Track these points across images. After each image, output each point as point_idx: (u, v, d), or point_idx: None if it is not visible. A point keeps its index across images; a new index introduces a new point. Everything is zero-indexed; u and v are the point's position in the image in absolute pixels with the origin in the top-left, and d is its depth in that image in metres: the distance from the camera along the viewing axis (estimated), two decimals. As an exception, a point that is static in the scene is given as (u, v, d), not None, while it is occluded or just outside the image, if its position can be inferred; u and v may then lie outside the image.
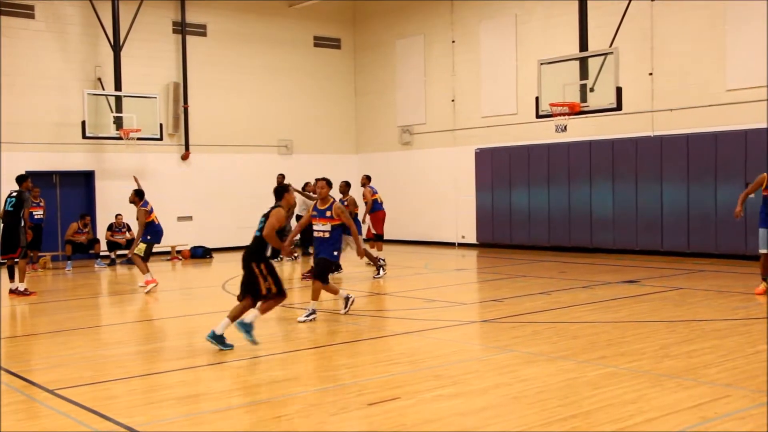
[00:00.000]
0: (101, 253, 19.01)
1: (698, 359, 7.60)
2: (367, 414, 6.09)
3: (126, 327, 10.89)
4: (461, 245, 22.22)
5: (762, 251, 11.71)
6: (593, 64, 16.06)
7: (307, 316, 10.32)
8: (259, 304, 8.61)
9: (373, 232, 16.90)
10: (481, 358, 8.11)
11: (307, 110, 24.38)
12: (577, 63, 16.37)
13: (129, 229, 19.38)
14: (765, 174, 11.73)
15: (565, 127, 16.43)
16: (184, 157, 21.90)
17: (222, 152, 22.21)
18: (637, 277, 14.18)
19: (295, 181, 19.70)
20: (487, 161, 21.40)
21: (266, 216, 8.72)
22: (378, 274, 15.09)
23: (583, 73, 16.21)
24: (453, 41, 22.41)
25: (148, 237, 14.26)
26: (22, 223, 13.30)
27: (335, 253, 10.67)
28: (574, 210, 19.32)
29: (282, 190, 9.01)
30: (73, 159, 20.08)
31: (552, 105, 16.19)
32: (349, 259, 15.88)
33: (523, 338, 8.97)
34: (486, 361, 7.95)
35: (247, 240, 9.22)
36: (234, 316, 8.53)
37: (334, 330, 9.91)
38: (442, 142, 22.76)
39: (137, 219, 14.50)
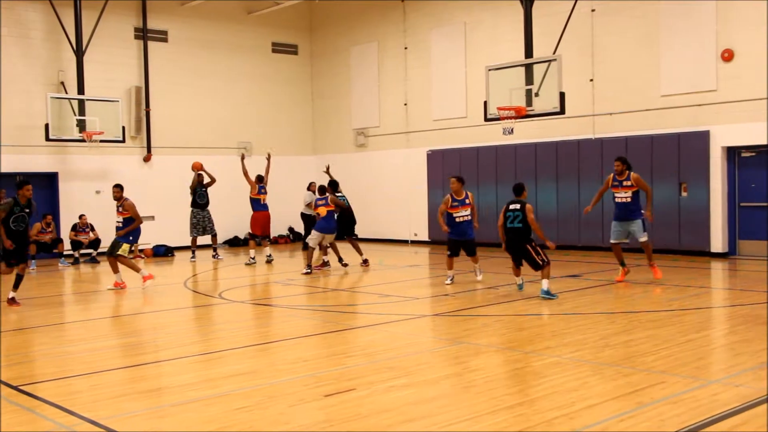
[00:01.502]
0: (65, 253, 19.31)
1: (636, 348, 7.92)
2: (324, 405, 6.17)
3: (89, 324, 10.83)
4: (414, 242, 22.79)
5: (612, 241, 13.14)
6: (538, 71, 16.38)
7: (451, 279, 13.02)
8: None
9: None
10: (432, 350, 8.31)
11: (265, 114, 24.87)
12: (522, 69, 16.68)
13: (92, 229, 19.74)
14: (611, 175, 12.81)
15: (512, 129, 16.85)
16: (146, 159, 22.25)
17: (183, 154, 22.55)
18: (579, 272, 14.66)
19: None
20: (439, 162, 22.01)
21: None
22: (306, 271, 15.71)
23: (529, 79, 16.52)
24: (405, 48, 23.05)
25: (131, 237, 14.15)
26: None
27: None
28: (521, 208, 20.00)
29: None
30: (36, 161, 20.30)
31: (499, 109, 16.46)
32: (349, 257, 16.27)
33: (473, 331, 9.22)
34: (437, 352, 8.17)
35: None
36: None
37: (293, 325, 10.16)
38: (396, 144, 23.35)
39: (126, 211, 14.16)
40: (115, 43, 21.74)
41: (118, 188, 14.54)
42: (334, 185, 17.05)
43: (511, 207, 12.02)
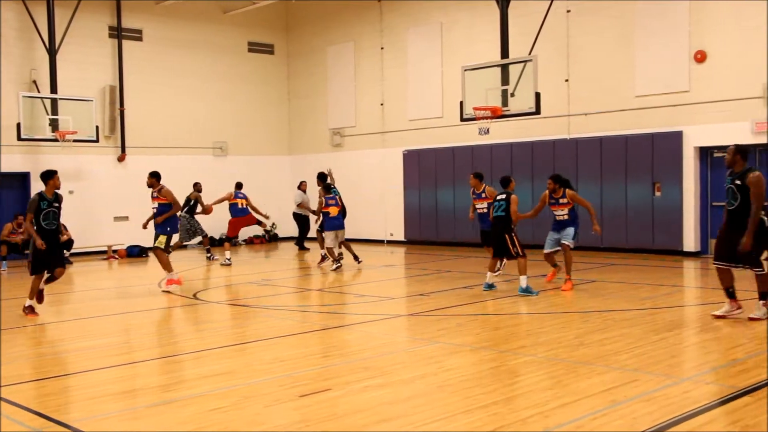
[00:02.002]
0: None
1: (609, 347, 7.99)
2: (300, 405, 6.17)
3: (63, 325, 10.73)
4: (390, 242, 22.83)
5: (546, 251, 12.84)
6: (514, 71, 16.47)
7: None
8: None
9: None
10: (408, 350, 8.32)
11: (241, 113, 24.79)
12: (498, 69, 16.77)
13: (65, 229, 19.50)
14: (546, 192, 12.72)
15: (488, 129, 16.93)
16: (121, 159, 22.09)
17: (158, 154, 22.43)
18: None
19: (230, 181, 20.15)
20: (415, 162, 22.07)
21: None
22: (333, 267, 15.92)
23: (505, 79, 16.61)
24: (382, 48, 23.07)
25: (168, 228, 13.40)
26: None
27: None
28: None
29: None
30: (8, 160, 20.04)
31: (475, 109, 16.52)
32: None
33: (448, 330, 9.23)
34: (413, 352, 8.17)
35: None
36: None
37: (268, 325, 10.15)
38: (372, 144, 23.38)
39: (164, 197, 13.40)
40: (88, 41, 21.57)
41: (154, 177, 13.63)
42: (323, 178, 17.17)
43: (498, 197, 12.28)
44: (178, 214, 18.90)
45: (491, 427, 5.50)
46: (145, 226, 14.57)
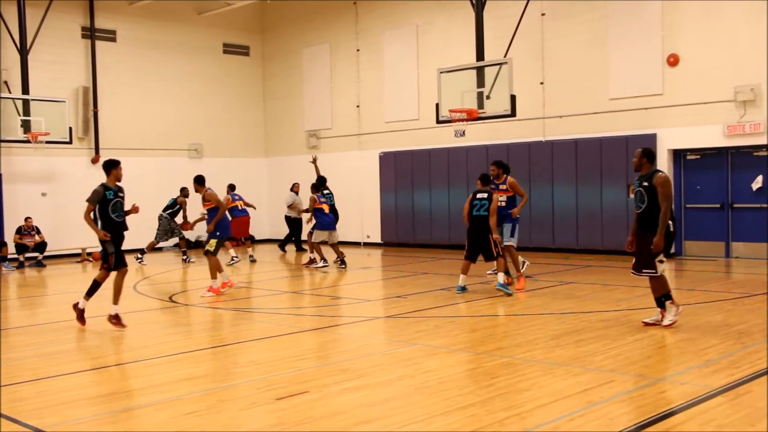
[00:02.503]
0: (9, 257, 18.89)
1: (585, 348, 8.06)
2: (276, 408, 6.14)
3: (36, 329, 10.55)
4: (367, 244, 22.83)
5: (507, 243, 12.81)
6: (489, 73, 16.47)
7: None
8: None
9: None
10: (385, 352, 8.33)
11: (216, 115, 24.67)
12: (474, 72, 16.77)
13: (38, 232, 19.34)
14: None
15: (464, 132, 16.95)
16: (95, 161, 21.88)
17: (132, 156, 22.26)
18: (530, 273, 14.63)
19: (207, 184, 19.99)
20: (391, 164, 22.10)
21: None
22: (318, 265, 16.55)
23: (480, 82, 16.60)
24: (358, 50, 23.08)
25: (218, 233, 13.20)
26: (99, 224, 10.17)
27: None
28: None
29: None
30: (-21, 162, 19.87)
31: (451, 111, 16.55)
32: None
33: (425, 332, 9.24)
34: (390, 354, 8.18)
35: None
36: None
37: (245, 328, 10.13)
38: (348, 146, 23.36)
39: (209, 201, 13.24)
40: (61, 42, 21.36)
41: (196, 182, 13.50)
42: (322, 182, 17.14)
43: (479, 196, 12.25)
44: (161, 213, 18.97)
45: (469, 429, 5.52)
46: (192, 227, 15.58)
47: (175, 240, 19.64)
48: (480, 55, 17.41)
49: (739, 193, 16.66)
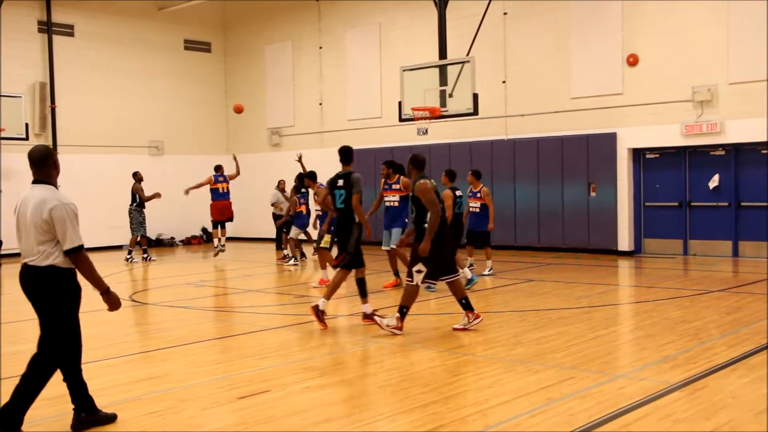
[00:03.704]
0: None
1: (546, 345, 8.12)
2: (238, 407, 6.11)
3: None
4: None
5: (385, 248, 12.70)
6: (452, 72, 16.60)
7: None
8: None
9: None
10: (348, 350, 8.36)
11: (178, 112, 24.42)
12: (437, 70, 16.88)
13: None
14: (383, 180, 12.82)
15: (427, 130, 17.04)
16: (52, 158, 21.51)
17: (92, 152, 21.94)
18: (493, 271, 14.93)
19: (166, 181, 19.84)
20: (354, 162, 21.99)
21: None
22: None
23: (443, 80, 16.72)
24: (320, 47, 23.02)
25: (332, 227, 12.73)
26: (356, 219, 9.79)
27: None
28: (436, 208, 20.23)
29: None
30: (-68, 159, 19.42)
31: (414, 109, 16.62)
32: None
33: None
34: (352, 353, 8.23)
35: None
36: None
37: (205, 327, 10.05)
38: (310, 144, 23.25)
39: (319, 202, 13.19)
40: (16, 35, 20.94)
41: (310, 178, 13.80)
42: (312, 177, 16.47)
43: (458, 193, 12.44)
44: (129, 208, 18.67)
45: (431, 426, 5.53)
46: (314, 225, 15.24)
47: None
48: (443, 54, 17.47)
49: (697, 191, 16.94)
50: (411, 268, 8.89)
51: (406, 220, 12.41)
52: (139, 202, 18.70)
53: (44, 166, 5.69)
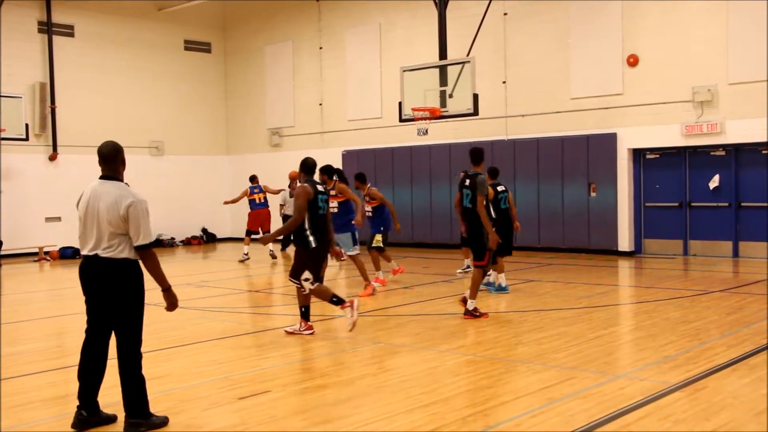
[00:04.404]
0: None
1: (547, 345, 8.13)
2: (238, 408, 6.11)
3: None
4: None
5: (351, 253, 12.25)
6: (452, 72, 16.54)
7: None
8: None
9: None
10: (347, 351, 8.33)
11: (178, 112, 24.42)
12: (437, 70, 16.82)
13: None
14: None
15: (427, 130, 16.98)
16: (52, 158, 21.53)
17: (91, 153, 21.51)
18: (489, 271, 15.05)
19: (167, 182, 19.83)
20: (354, 162, 21.98)
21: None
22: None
23: (443, 80, 16.65)
24: (320, 47, 23.01)
25: (381, 228, 13.35)
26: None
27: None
28: (436, 208, 20.25)
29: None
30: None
31: (414, 109, 16.57)
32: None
33: (388, 331, 9.29)
34: (352, 353, 8.20)
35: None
36: None
37: (206, 327, 10.00)
38: (311, 144, 23.24)
39: (374, 200, 13.44)
40: (16, 36, 20.92)
41: (359, 180, 13.66)
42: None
43: (501, 188, 12.26)
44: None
45: (431, 427, 5.53)
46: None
47: None
48: (443, 54, 17.44)
49: (697, 192, 16.94)
50: (299, 278, 8.94)
51: (353, 224, 12.27)
52: None
53: (114, 161, 5.81)
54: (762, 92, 15.47)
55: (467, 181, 10.06)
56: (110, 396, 6.26)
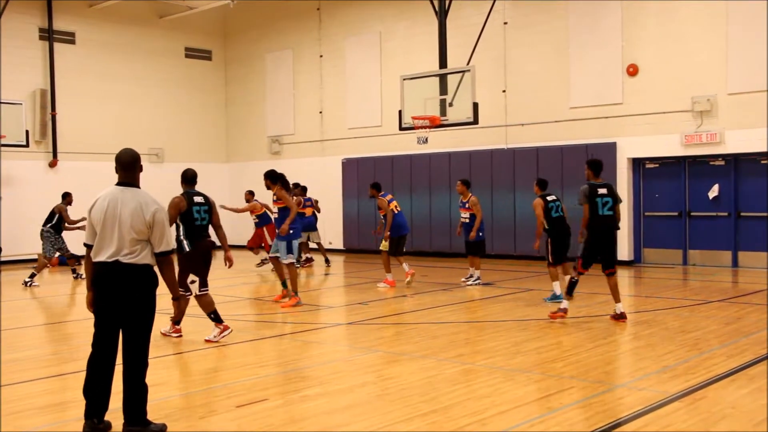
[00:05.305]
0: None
1: (546, 354, 8.17)
2: (236, 416, 6.10)
3: None
4: (328, 250, 22.74)
5: (284, 261, 11.92)
6: (452, 81, 16.62)
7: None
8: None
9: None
10: (346, 359, 8.34)
11: (178, 119, 24.44)
12: (437, 79, 16.91)
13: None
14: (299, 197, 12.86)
15: (426, 139, 17.05)
16: (52, 165, 21.53)
17: (92, 160, 21.93)
18: (492, 280, 14.85)
19: (166, 189, 19.71)
20: (353, 170, 22.07)
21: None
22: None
23: (443, 89, 16.75)
24: (321, 56, 23.06)
25: (388, 233, 14.14)
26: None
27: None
28: (435, 217, 20.27)
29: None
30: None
31: (414, 118, 16.63)
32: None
33: (387, 339, 9.31)
34: (351, 361, 8.20)
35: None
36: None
37: (203, 335, 9.87)
38: (311, 152, 23.30)
39: (381, 210, 14.38)
40: (17, 43, 20.96)
41: (373, 188, 14.62)
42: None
43: (551, 197, 12.47)
44: (42, 229, 16.73)
45: (429, 436, 5.51)
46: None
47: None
48: (443, 63, 17.49)
49: (696, 201, 16.94)
50: (184, 281, 9.18)
51: (290, 231, 11.88)
52: (55, 223, 16.73)
53: (132, 169, 5.82)
54: (761, 102, 15.49)
55: (604, 190, 10.51)
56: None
